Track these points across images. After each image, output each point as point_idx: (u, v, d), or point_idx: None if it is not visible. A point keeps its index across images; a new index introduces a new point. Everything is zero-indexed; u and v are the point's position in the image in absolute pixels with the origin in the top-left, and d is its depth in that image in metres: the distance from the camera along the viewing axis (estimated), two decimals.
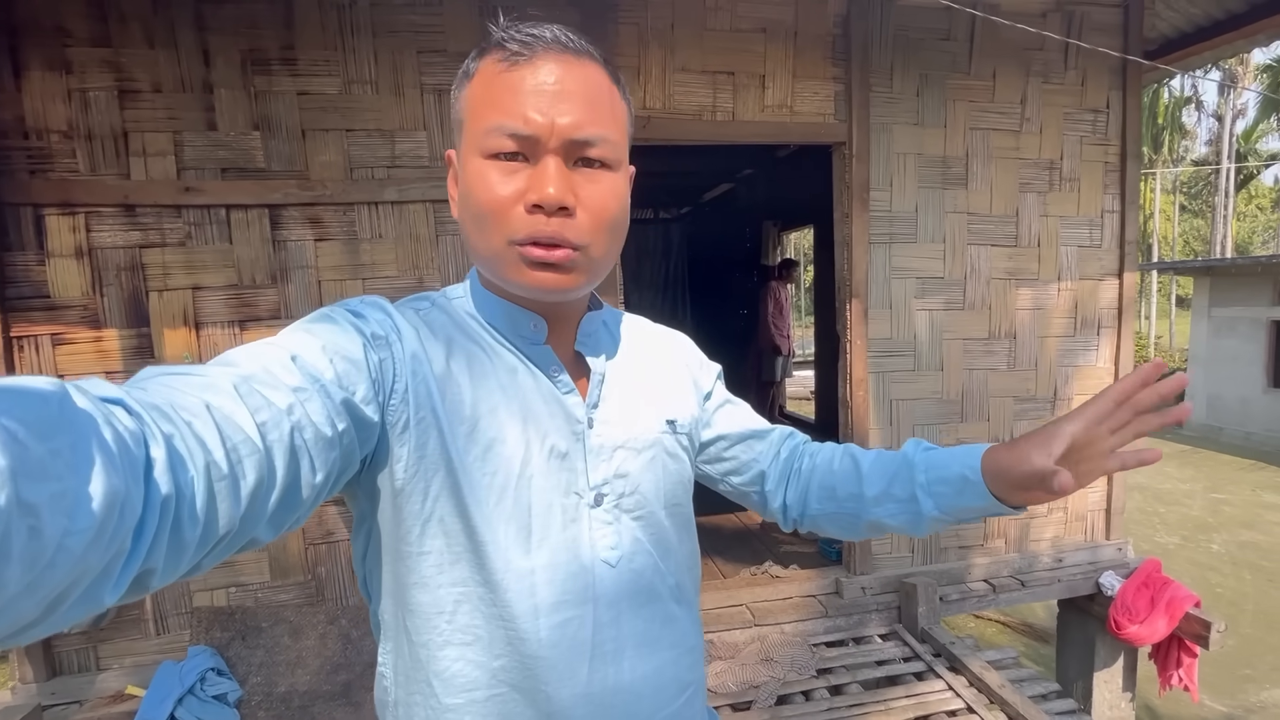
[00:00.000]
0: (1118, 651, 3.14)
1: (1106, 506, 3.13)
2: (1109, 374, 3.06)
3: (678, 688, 0.69)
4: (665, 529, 0.69)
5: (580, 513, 0.64)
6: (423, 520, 0.59)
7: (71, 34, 2.10)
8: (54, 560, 0.30)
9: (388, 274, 2.37)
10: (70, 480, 0.31)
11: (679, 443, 0.72)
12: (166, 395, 0.42)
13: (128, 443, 0.35)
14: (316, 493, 0.50)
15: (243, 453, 0.43)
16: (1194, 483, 8.70)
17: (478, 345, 0.64)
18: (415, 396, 0.58)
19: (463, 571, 0.60)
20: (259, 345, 0.52)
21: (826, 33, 2.63)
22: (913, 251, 2.79)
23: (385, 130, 2.32)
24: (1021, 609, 5.34)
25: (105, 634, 2.28)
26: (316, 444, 0.49)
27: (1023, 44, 2.77)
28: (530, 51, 0.57)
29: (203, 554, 0.42)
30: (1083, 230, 2.97)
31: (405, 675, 0.63)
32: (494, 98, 0.57)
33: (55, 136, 2.11)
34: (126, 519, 0.34)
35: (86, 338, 2.19)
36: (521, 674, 0.60)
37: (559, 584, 0.61)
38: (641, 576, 0.66)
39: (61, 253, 2.15)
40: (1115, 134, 2.95)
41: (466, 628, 0.60)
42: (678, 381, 0.76)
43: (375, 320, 0.59)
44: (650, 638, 0.66)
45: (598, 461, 0.65)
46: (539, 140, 0.57)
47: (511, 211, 0.57)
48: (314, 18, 2.24)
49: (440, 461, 0.59)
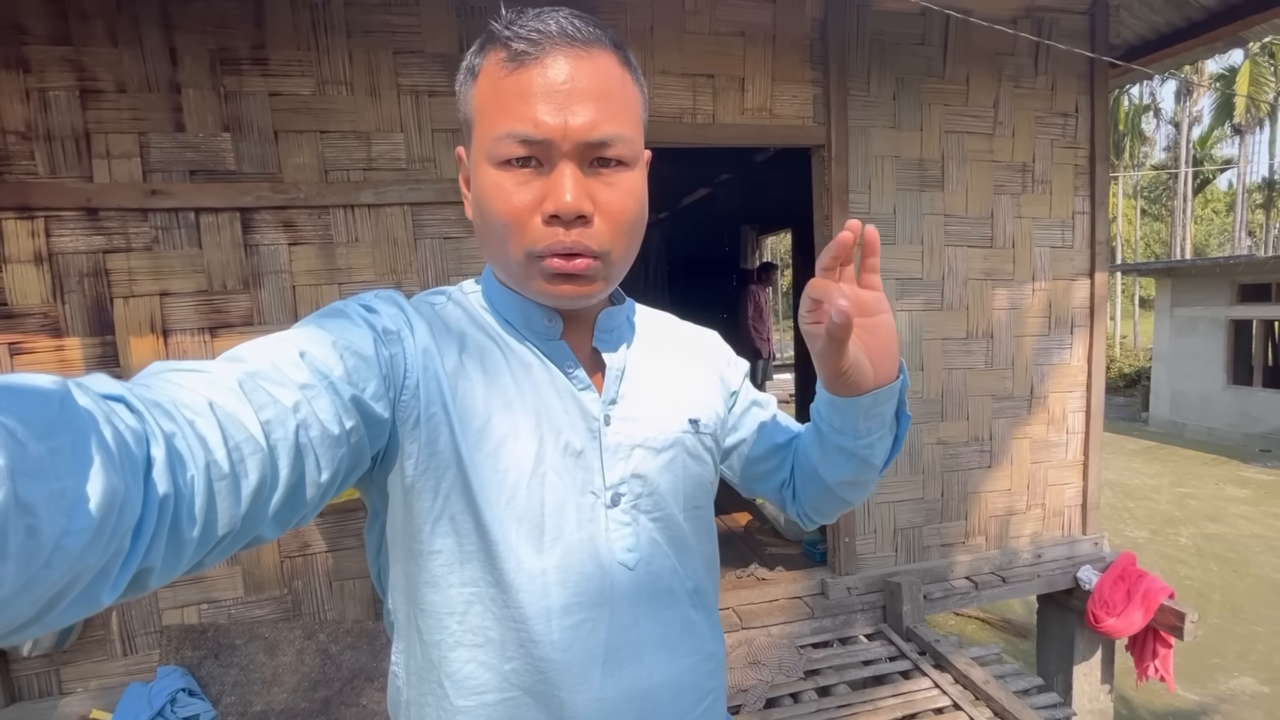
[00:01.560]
0: (1096, 644, 3.20)
1: (1082, 502, 3.19)
2: (1083, 371, 3.13)
3: (697, 695, 0.67)
4: (684, 531, 0.67)
5: (596, 513, 0.62)
6: (433, 518, 0.58)
7: (29, 31, 2.02)
8: (51, 559, 0.30)
9: (365, 278, 2.32)
10: (69, 479, 0.30)
11: (702, 443, 0.70)
12: (170, 392, 0.41)
13: (128, 441, 0.35)
14: (323, 491, 0.50)
15: (245, 451, 0.43)
16: (1160, 478, 8.95)
17: (492, 340, 0.63)
18: (426, 392, 0.57)
19: (474, 571, 0.58)
20: (268, 340, 0.51)
21: (804, 36, 2.65)
22: (892, 253, 2.81)
23: (361, 132, 2.27)
24: (999, 605, 5.42)
25: (68, 655, 2.18)
26: (323, 442, 0.49)
27: (994, 49, 2.83)
28: (537, 49, 0.54)
29: (204, 553, 0.41)
30: (1055, 231, 3.03)
31: (418, 675, 0.62)
32: (502, 102, 0.55)
33: (12, 138, 2.02)
34: (125, 519, 0.34)
35: (47, 347, 2.10)
36: (534, 677, 0.59)
37: (572, 585, 0.60)
38: (660, 579, 0.65)
39: (19, 258, 2.06)
40: (1084, 137, 3.03)
41: (478, 629, 0.59)
42: (703, 380, 0.73)
43: (388, 315, 0.58)
44: (669, 643, 0.65)
45: (614, 460, 0.63)
46: (552, 144, 0.54)
47: (529, 223, 0.56)
48: (286, 17, 2.18)
49: (451, 458, 0.57)
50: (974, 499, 3.03)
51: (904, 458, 2.91)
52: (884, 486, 2.89)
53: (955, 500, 3.00)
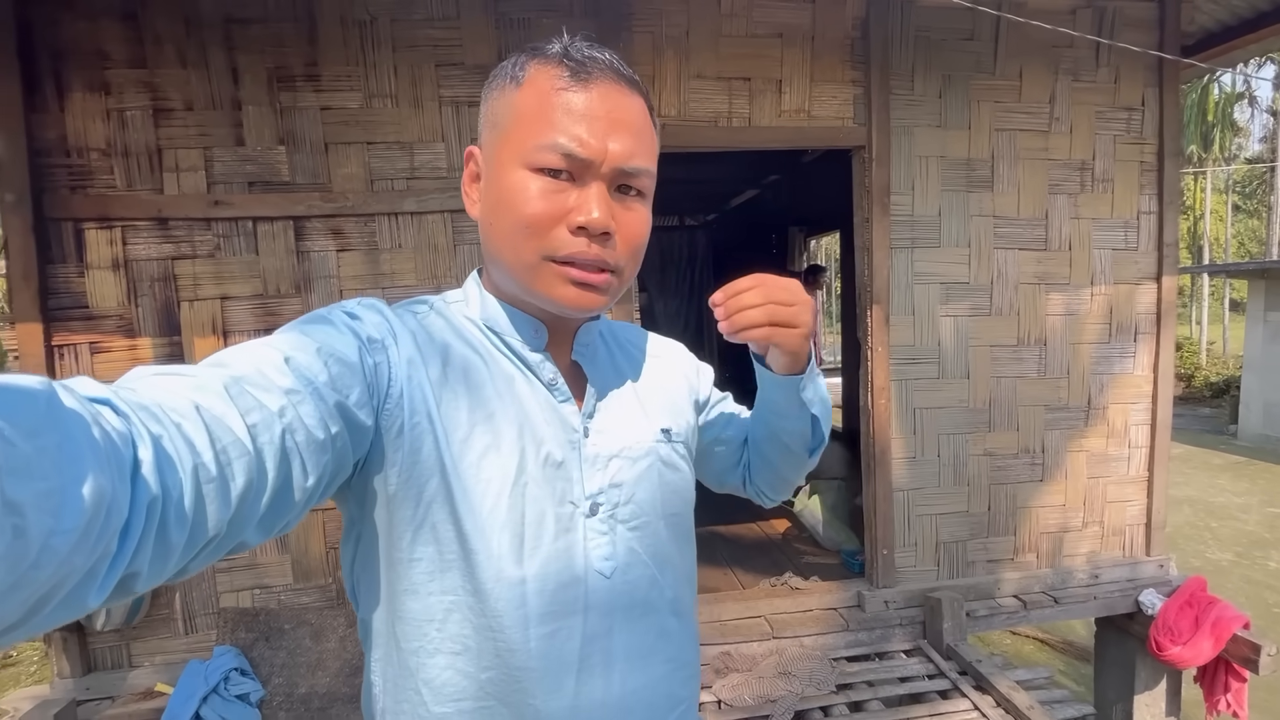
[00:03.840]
0: (1160, 673, 2.99)
1: (1146, 521, 2.99)
2: (1148, 382, 2.94)
3: (670, 703, 0.68)
4: (663, 540, 0.68)
5: (575, 522, 0.63)
6: (414, 526, 0.59)
7: (110, 57, 2.20)
8: (38, 560, 0.30)
9: (407, 283, 2.42)
10: (56, 479, 0.30)
11: (675, 452, 0.72)
12: (155, 396, 0.41)
13: (115, 443, 0.35)
14: (308, 496, 0.50)
15: (232, 455, 0.43)
16: (1249, 496, 8.26)
17: (475, 351, 0.64)
18: (410, 401, 0.58)
19: (453, 580, 0.59)
20: (252, 345, 0.52)
21: (845, 36, 2.59)
22: (936, 256, 2.72)
23: (404, 142, 2.37)
24: (1061, 626, 5.13)
25: (137, 631, 2.36)
26: (308, 447, 0.49)
27: (1051, 41, 2.69)
28: (589, 74, 0.58)
29: (189, 557, 0.41)
30: (1117, 233, 2.86)
31: (394, 683, 0.63)
32: (549, 113, 0.58)
33: (94, 154, 2.21)
34: (113, 520, 0.33)
35: (122, 346, 2.28)
36: (509, 687, 0.60)
37: (549, 594, 0.61)
38: (637, 588, 0.66)
39: (99, 265, 2.24)
40: (1152, 132, 2.84)
41: (456, 637, 0.60)
42: (674, 391, 0.77)
43: (371, 323, 0.59)
44: (643, 651, 0.65)
45: (593, 471, 0.65)
46: (591, 164, 0.58)
47: (553, 229, 0.58)
48: (337, 34, 2.30)
49: (434, 467, 0.58)
50: (1024, 514, 2.88)
51: (947, 468, 2.80)
52: (925, 498, 2.80)
53: (1003, 514, 2.87)
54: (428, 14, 2.34)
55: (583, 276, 0.59)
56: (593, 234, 0.58)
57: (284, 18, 2.27)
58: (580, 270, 0.59)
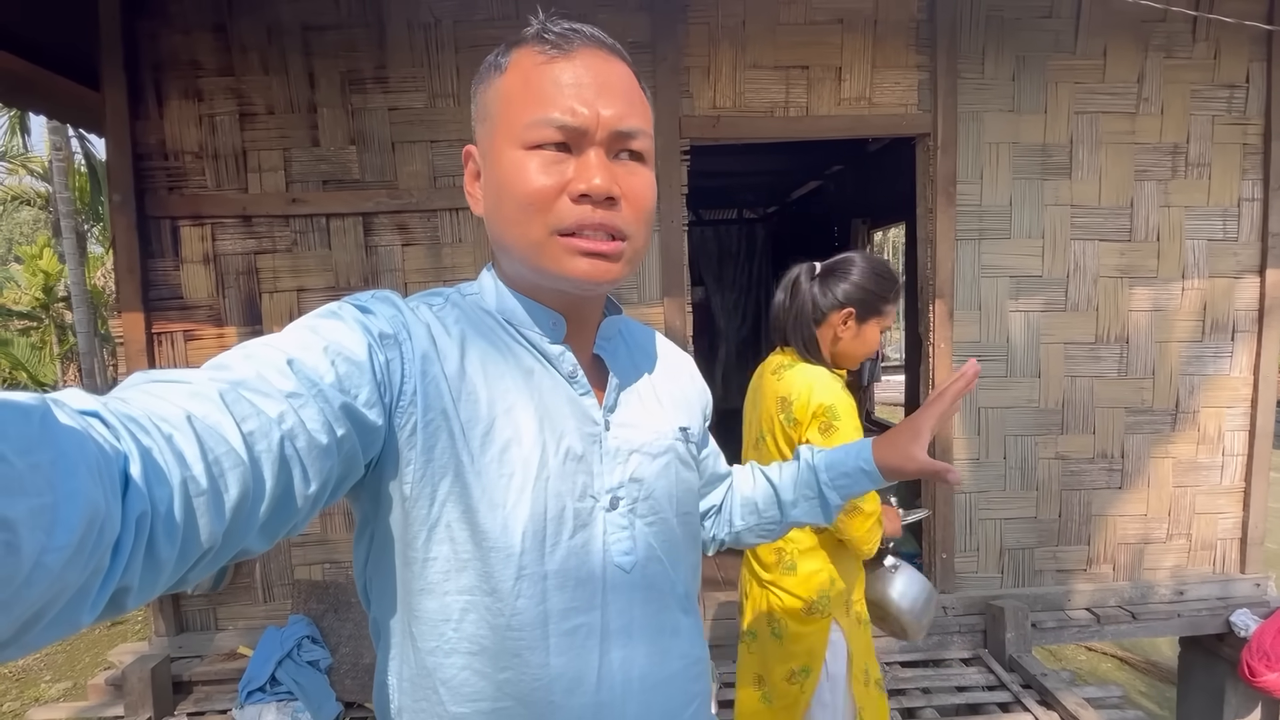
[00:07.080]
0: (1254, 701, 2.75)
1: (1242, 536, 2.75)
2: (1247, 384, 2.69)
3: (686, 698, 0.68)
4: (676, 536, 0.68)
5: (595, 516, 0.62)
6: (429, 525, 0.58)
7: (202, 66, 2.38)
8: (31, 577, 0.29)
9: (467, 275, 2.45)
10: (50, 496, 0.30)
11: (690, 451, 0.72)
12: (147, 405, 0.40)
13: (107, 457, 0.34)
14: (313, 502, 0.48)
15: (226, 465, 0.41)
16: None
17: (493, 343, 0.63)
18: (424, 398, 0.56)
19: (469, 579, 0.58)
20: (256, 346, 0.50)
21: (910, 19, 2.49)
22: (1006, 248, 2.58)
23: (466, 140, 2.43)
24: (1144, 644, 4.80)
25: (222, 598, 2.56)
26: (310, 453, 0.47)
27: (1140, 16, 2.49)
28: (570, 45, 0.58)
29: (184, 569, 0.40)
30: (1214, 222, 2.63)
31: (411, 683, 0.62)
32: (535, 90, 0.57)
33: (188, 157, 2.40)
34: (105, 535, 0.33)
35: (211, 335, 2.47)
36: (528, 686, 0.59)
37: (570, 590, 0.60)
38: (654, 584, 0.66)
39: (192, 259, 2.44)
40: (1257, 111, 2.59)
41: (472, 637, 0.59)
42: (689, 393, 0.78)
43: (385, 318, 0.57)
44: (661, 646, 0.66)
45: (614, 465, 0.64)
46: (585, 132, 0.57)
47: (556, 202, 0.57)
48: (403, 37, 2.40)
49: (449, 465, 0.57)
50: (1099, 522, 2.71)
51: (1014, 471, 2.67)
52: (989, 501, 2.67)
53: (1076, 522, 2.70)
54: (489, 14, 2.41)
55: (593, 246, 0.57)
56: (596, 200, 0.57)
57: (355, 23, 2.39)
58: (589, 241, 0.57)
